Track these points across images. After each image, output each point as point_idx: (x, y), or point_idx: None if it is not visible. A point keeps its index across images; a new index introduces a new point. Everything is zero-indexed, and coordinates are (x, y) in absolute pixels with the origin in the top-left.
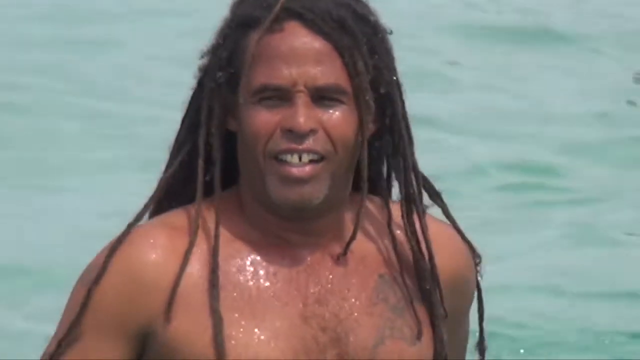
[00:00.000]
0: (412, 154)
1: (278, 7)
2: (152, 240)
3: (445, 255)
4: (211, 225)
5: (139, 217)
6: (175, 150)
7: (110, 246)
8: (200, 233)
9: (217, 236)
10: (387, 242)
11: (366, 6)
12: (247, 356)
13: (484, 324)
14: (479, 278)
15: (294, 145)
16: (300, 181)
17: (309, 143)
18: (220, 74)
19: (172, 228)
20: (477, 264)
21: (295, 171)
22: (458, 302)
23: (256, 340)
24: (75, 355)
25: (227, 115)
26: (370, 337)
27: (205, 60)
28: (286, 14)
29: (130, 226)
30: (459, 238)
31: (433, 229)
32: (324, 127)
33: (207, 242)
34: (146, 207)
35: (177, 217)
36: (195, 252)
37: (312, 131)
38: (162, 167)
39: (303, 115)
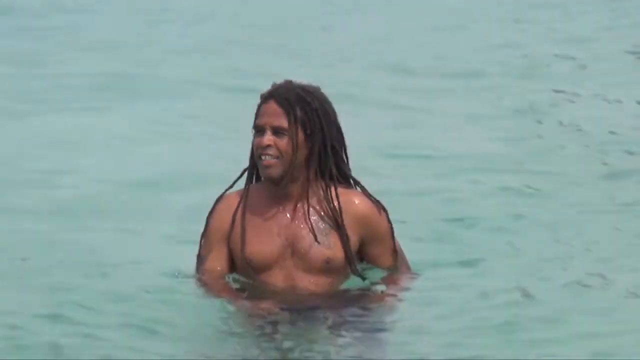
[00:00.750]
0: (332, 160)
1: (266, 93)
2: (229, 199)
3: (357, 208)
4: (250, 193)
5: (232, 185)
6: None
7: (217, 198)
8: (246, 196)
9: (246, 197)
10: (324, 202)
11: (315, 97)
12: (251, 251)
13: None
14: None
15: (262, 152)
16: (267, 167)
17: (268, 151)
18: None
19: (238, 194)
20: (385, 213)
21: (265, 163)
22: (371, 231)
23: (256, 244)
24: (207, 255)
25: None
26: (307, 244)
27: None
28: (269, 95)
29: (226, 190)
30: (365, 199)
31: (351, 197)
32: (276, 145)
33: (247, 199)
34: (235, 181)
35: (240, 190)
36: (242, 203)
37: (269, 146)
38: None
39: (265, 139)
